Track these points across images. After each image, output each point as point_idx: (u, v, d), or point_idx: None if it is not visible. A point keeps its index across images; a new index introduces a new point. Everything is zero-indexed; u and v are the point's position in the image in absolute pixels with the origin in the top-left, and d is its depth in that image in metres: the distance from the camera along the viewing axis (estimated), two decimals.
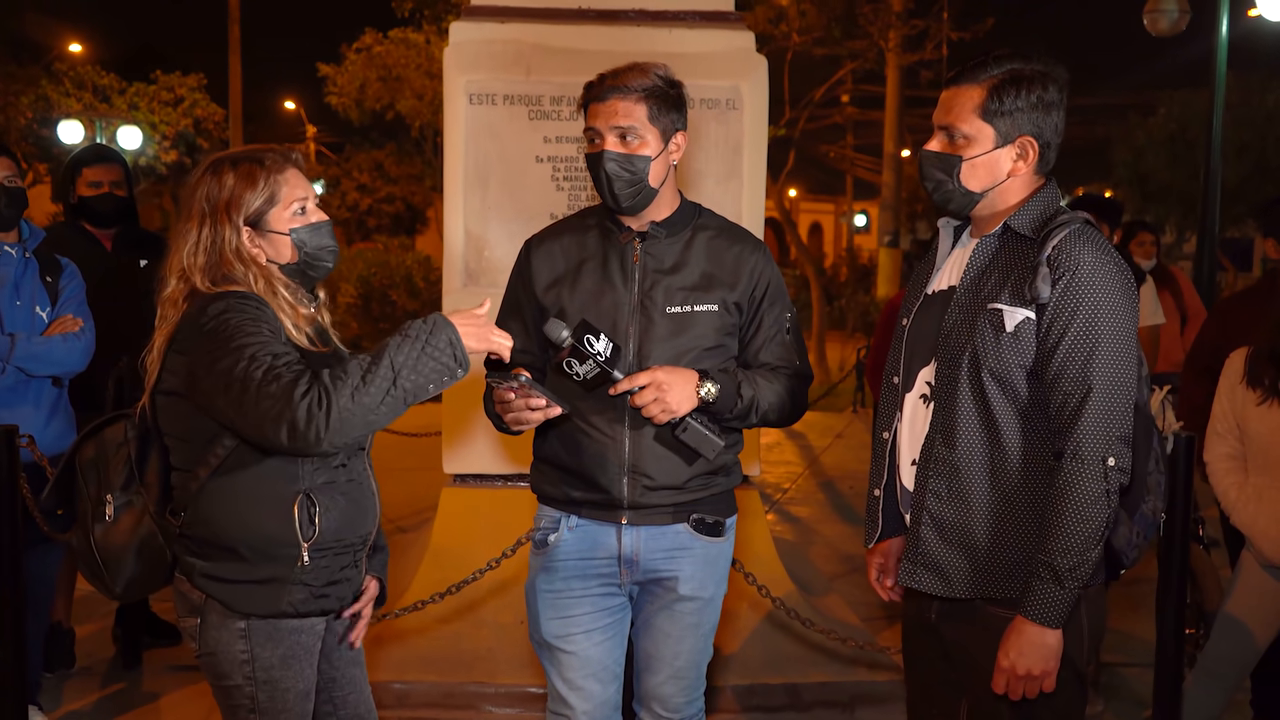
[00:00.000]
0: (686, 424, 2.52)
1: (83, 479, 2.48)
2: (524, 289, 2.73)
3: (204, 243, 2.36)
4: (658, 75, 2.58)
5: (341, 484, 2.39)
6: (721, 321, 2.65)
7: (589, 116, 2.60)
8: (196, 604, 2.37)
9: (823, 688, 4.16)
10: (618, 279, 2.63)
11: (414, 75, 17.25)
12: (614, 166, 2.55)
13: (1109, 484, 2.15)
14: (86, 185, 4.44)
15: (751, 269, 2.69)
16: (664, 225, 2.66)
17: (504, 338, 2.31)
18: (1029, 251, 2.26)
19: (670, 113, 2.59)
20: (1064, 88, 2.31)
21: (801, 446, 9.81)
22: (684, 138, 2.65)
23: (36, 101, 20.31)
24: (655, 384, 2.49)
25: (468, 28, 4.48)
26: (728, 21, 4.56)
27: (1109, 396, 2.16)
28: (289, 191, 2.40)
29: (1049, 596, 2.17)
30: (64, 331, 3.83)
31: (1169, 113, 21.92)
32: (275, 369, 2.16)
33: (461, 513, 4.46)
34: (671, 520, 2.66)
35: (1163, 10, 11.52)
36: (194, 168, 2.47)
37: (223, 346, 2.21)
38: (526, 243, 2.78)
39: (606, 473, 2.61)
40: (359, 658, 2.64)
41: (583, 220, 2.75)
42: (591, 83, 2.60)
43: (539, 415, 2.48)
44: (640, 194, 2.59)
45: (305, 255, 2.42)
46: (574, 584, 2.68)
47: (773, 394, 2.65)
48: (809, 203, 43.27)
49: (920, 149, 2.39)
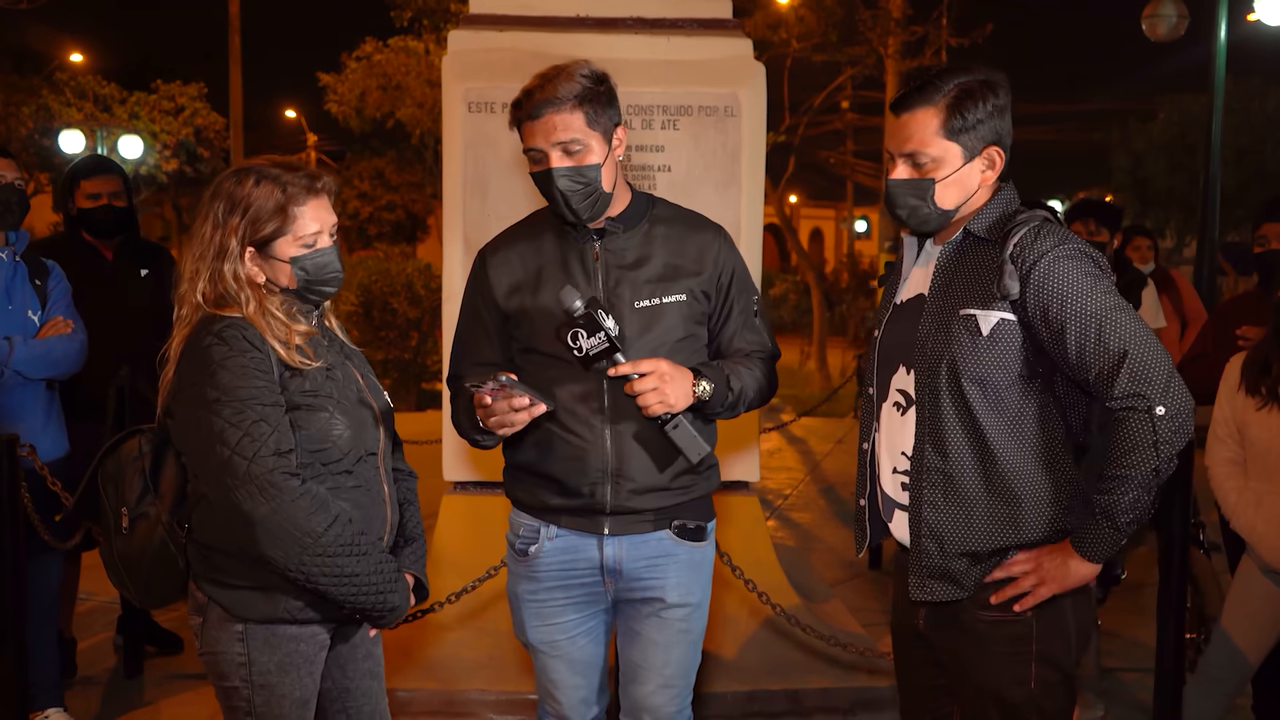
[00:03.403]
0: (679, 422, 2.45)
1: (104, 493, 2.52)
2: (483, 299, 2.68)
3: (212, 251, 2.37)
4: (583, 77, 2.49)
5: (346, 490, 2.40)
6: (690, 310, 2.61)
7: (526, 136, 2.52)
8: (201, 604, 2.40)
9: (823, 694, 4.16)
10: (580, 280, 2.57)
11: (414, 83, 17.26)
12: (566, 182, 2.50)
13: (1158, 434, 2.15)
14: (85, 197, 4.44)
15: (715, 256, 2.66)
16: (620, 220, 2.61)
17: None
18: (991, 253, 2.27)
19: (606, 110, 2.52)
20: (1008, 91, 2.32)
21: (802, 452, 9.81)
22: (624, 131, 2.60)
23: (38, 111, 20.35)
24: (658, 373, 2.42)
25: (466, 36, 4.49)
26: (726, 29, 4.57)
27: (1141, 351, 2.16)
28: (303, 225, 2.39)
29: (1102, 536, 2.21)
30: (58, 334, 3.83)
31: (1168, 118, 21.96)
32: (259, 477, 2.24)
33: (462, 520, 4.47)
34: (653, 528, 2.63)
35: (1161, 15, 11.54)
36: (213, 171, 2.48)
37: (207, 408, 2.26)
38: (481, 251, 2.73)
39: (587, 476, 2.57)
40: (376, 669, 2.63)
41: (535, 224, 2.70)
42: (519, 100, 2.51)
43: (524, 416, 2.41)
44: (597, 202, 2.54)
45: (304, 283, 2.42)
46: (557, 594, 2.68)
47: (753, 380, 2.64)
48: (810, 209, 43.29)
49: (886, 180, 2.37)
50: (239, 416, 2.25)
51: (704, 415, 2.60)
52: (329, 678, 2.53)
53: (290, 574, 2.28)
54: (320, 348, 2.46)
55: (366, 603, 2.36)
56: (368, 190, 26.56)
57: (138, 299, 4.41)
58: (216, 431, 2.25)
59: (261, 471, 2.23)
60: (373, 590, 2.36)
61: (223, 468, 2.24)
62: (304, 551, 2.26)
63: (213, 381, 2.27)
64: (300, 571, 2.27)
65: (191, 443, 2.31)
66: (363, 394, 2.50)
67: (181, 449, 2.39)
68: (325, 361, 2.44)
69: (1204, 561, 4.26)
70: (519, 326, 2.63)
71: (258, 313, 2.36)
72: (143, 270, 4.50)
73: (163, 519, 2.44)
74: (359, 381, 2.52)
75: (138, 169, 20.57)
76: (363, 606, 2.37)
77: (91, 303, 4.11)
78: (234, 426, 2.24)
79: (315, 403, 2.37)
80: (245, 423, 2.25)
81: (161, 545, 2.44)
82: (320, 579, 2.29)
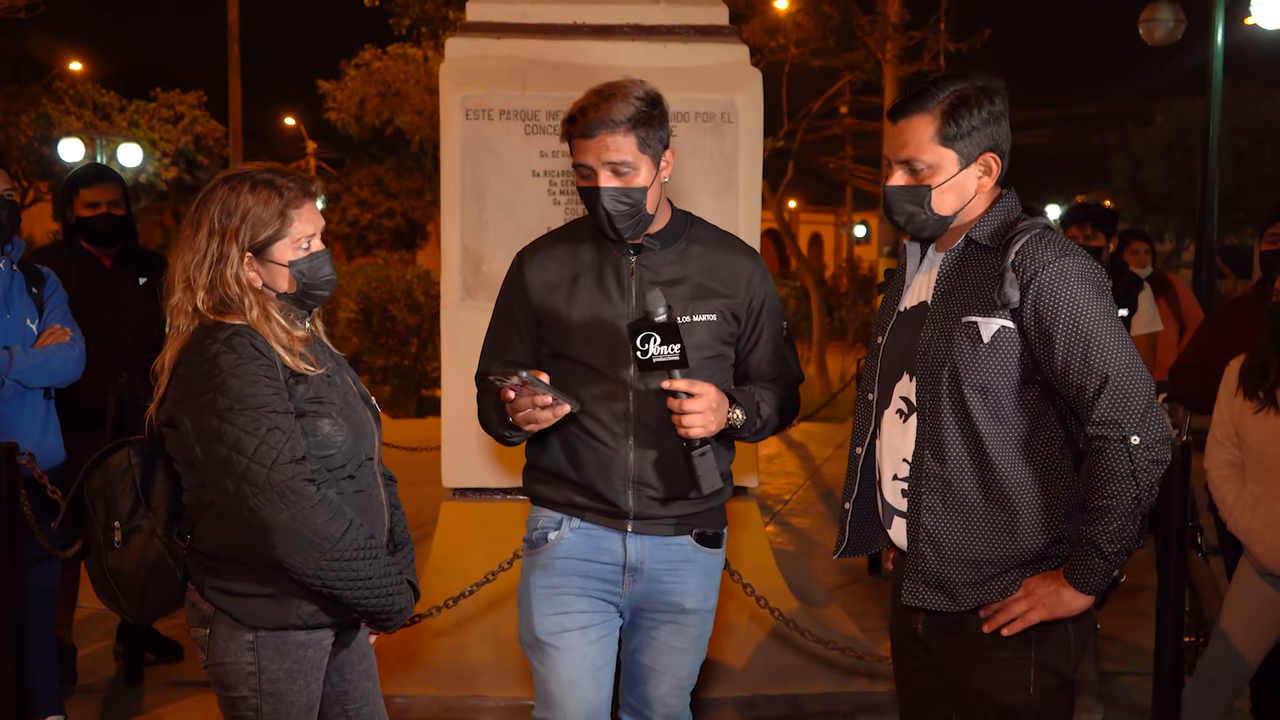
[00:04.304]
0: (707, 450, 2.47)
1: (91, 508, 2.51)
2: (518, 300, 2.72)
3: (210, 259, 2.37)
4: (637, 100, 2.53)
5: (350, 494, 2.41)
6: (720, 330, 2.65)
7: (576, 151, 2.56)
8: (206, 615, 2.39)
9: (823, 698, 4.17)
10: (614, 291, 2.62)
11: (413, 91, 17.28)
12: (612, 202, 2.53)
13: (1134, 463, 2.16)
14: (84, 206, 4.44)
15: (749, 281, 2.70)
16: (658, 237, 2.66)
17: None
18: (993, 260, 2.28)
19: (657, 134, 2.57)
20: (1005, 97, 2.33)
21: (802, 457, 9.81)
22: (672, 153, 2.64)
23: (37, 119, 20.36)
24: (708, 397, 2.45)
25: (464, 43, 4.50)
26: (722, 36, 4.58)
27: (1123, 378, 2.18)
28: (299, 227, 2.41)
29: (1092, 567, 2.22)
30: (55, 342, 3.84)
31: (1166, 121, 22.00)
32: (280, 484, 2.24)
33: (461, 526, 4.47)
34: (675, 532, 2.68)
35: (1158, 19, 11.57)
36: (212, 178, 2.48)
37: (220, 416, 2.25)
38: (519, 254, 2.77)
39: (611, 484, 2.61)
40: (372, 671, 2.65)
41: (575, 232, 2.74)
42: (574, 116, 2.55)
43: (548, 415, 2.44)
44: (640, 222, 2.59)
45: (303, 287, 2.44)
46: (573, 580, 2.67)
47: (778, 406, 2.69)
48: (809, 214, 43.32)
49: (884, 186, 2.39)
50: (254, 424, 2.25)
51: (727, 439, 2.63)
52: (328, 682, 2.54)
53: (308, 579, 2.29)
54: (319, 353, 2.47)
55: (376, 605, 2.37)
56: (367, 197, 26.60)
57: (136, 307, 4.42)
58: (231, 441, 2.24)
59: (282, 479, 2.23)
60: (383, 593, 2.37)
61: (240, 477, 2.23)
62: (322, 557, 2.26)
63: (224, 390, 2.26)
64: (318, 576, 2.28)
65: (201, 452, 2.29)
66: (358, 399, 2.51)
67: (185, 459, 2.37)
68: (326, 368, 2.45)
69: (1201, 565, 4.26)
70: (551, 331, 2.66)
71: (261, 318, 2.36)
72: (141, 278, 4.51)
73: (158, 532, 2.43)
74: (353, 387, 2.53)
75: (137, 177, 20.61)
76: (373, 609, 2.39)
77: (89, 310, 4.11)
78: (250, 434, 2.24)
79: (319, 409, 2.38)
80: (261, 430, 2.25)
81: (159, 558, 2.45)
82: (336, 583, 2.30)
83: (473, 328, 2.88)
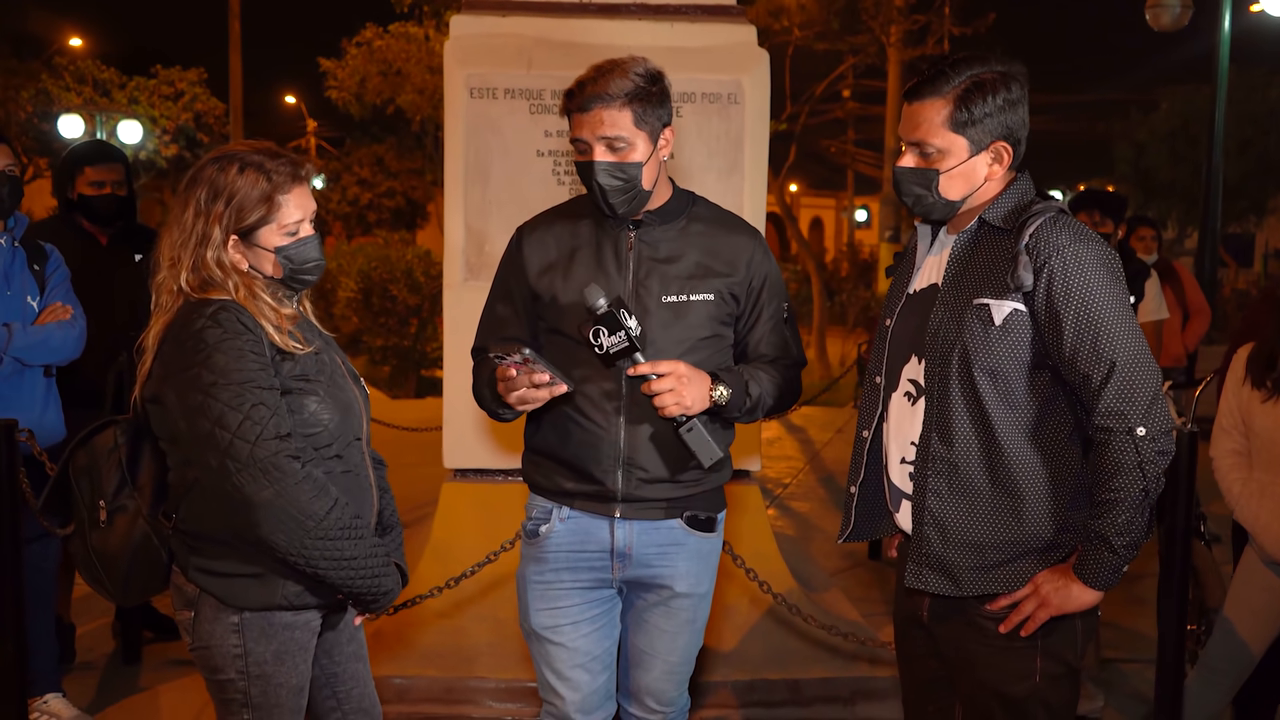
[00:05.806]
0: (693, 425, 2.46)
1: (77, 487, 2.49)
2: (515, 276, 2.69)
3: (195, 238, 2.34)
4: (637, 75, 2.51)
5: (337, 475, 2.39)
6: (717, 310, 2.62)
7: (574, 126, 2.55)
8: (191, 597, 2.37)
9: (823, 683, 4.15)
10: (611, 267, 2.60)
11: (415, 70, 17.23)
12: (605, 177, 2.52)
13: (1140, 455, 2.15)
14: (88, 184, 4.40)
15: (749, 260, 2.67)
16: (658, 214, 2.63)
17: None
18: (1006, 243, 2.26)
19: (656, 110, 2.54)
20: (1024, 83, 2.30)
21: (802, 441, 9.80)
22: (671, 131, 2.61)
23: (37, 96, 20.27)
24: (676, 374, 2.44)
25: (468, 21, 4.46)
26: (729, 15, 4.54)
27: (1129, 369, 2.16)
28: (287, 213, 2.37)
29: (1102, 561, 2.20)
30: (56, 320, 3.81)
31: (1171, 108, 21.94)
32: (264, 461, 2.21)
33: (462, 508, 4.46)
34: (665, 516, 2.65)
35: (1165, 5, 11.52)
36: (204, 154, 2.44)
37: (203, 391, 2.22)
38: (518, 230, 2.75)
39: (600, 464, 2.59)
40: (361, 652, 2.63)
41: (575, 208, 2.72)
42: (571, 90, 2.54)
43: (544, 393, 2.42)
44: (635, 198, 2.57)
45: (289, 272, 2.41)
46: (564, 575, 2.67)
47: (774, 386, 2.65)
48: (810, 198, 43.25)
49: (895, 166, 2.37)
50: (238, 400, 2.22)
51: (721, 419, 2.61)
52: (317, 664, 2.52)
53: (291, 558, 2.26)
54: (307, 332, 2.45)
55: (362, 586, 2.35)
56: (367, 177, 26.54)
57: (132, 284, 4.38)
58: (215, 415, 2.21)
59: (265, 455, 2.21)
60: (368, 574, 2.35)
61: (224, 452, 2.21)
62: (306, 535, 2.24)
63: (208, 364, 2.23)
64: (301, 555, 2.26)
65: (185, 427, 2.26)
66: (346, 379, 2.49)
67: (170, 436, 2.34)
68: (315, 346, 2.42)
69: (1205, 553, 4.25)
70: (548, 307, 2.64)
71: (248, 297, 2.33)
72: (137, 255, 4.48)
73: (144, 511, 2.41)
74: (341, 366, 2.51)
75: (137, 154, 20.50)
76: (358, 590, 2.36)
77: (87, 288, 4.08)
78: (234, 410, 2.21)
79: (306, 387, 2.35)
80: (245, 406, 2.22)
81: (144, 538, 2.42)
82: (320, 562, 2.27)
83: (475, 308, 2.85)
